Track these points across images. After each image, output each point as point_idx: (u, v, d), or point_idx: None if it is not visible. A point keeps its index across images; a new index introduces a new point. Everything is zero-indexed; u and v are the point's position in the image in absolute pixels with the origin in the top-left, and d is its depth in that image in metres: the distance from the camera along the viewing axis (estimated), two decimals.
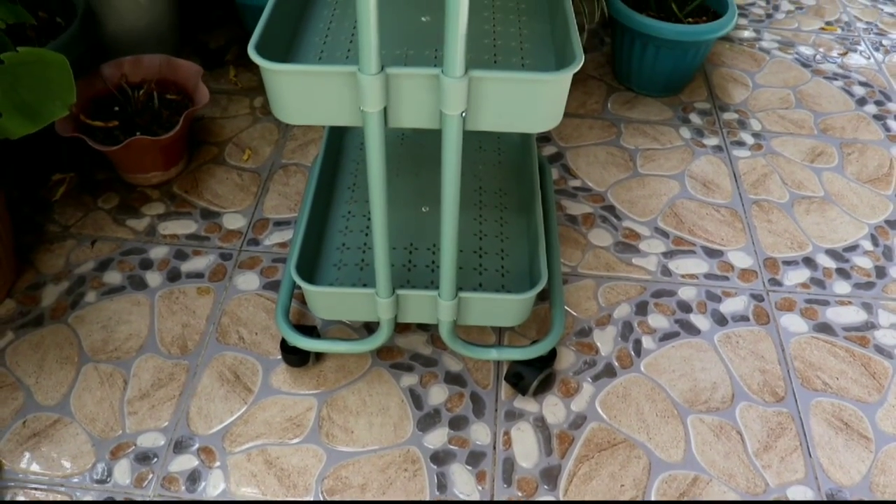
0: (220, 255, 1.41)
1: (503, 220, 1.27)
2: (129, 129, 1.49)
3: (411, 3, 1.04)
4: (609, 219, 1.50)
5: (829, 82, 1.92)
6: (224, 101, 1.74)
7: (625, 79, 1.80)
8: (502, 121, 0.82)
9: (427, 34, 0.98)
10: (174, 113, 1.52)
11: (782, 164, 1.66)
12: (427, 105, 0.81)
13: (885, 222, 1.55)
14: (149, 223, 1.47)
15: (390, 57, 0.94)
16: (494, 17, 1.02)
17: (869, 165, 1.68)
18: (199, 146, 1.63)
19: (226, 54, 1.88)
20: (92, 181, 1.56)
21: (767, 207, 1.56)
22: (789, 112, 1.81)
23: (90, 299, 1.35)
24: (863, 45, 2.07)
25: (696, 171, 1.62)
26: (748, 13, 2.16)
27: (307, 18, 1.01)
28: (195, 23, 1.98)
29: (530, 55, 0.96)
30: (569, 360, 1.26)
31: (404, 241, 1.22)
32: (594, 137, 1.68)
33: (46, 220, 1.48)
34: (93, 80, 1.54)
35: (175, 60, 1.56)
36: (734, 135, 1.72)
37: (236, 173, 1.57)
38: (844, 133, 1.76)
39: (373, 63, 0.76)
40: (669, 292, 1.38)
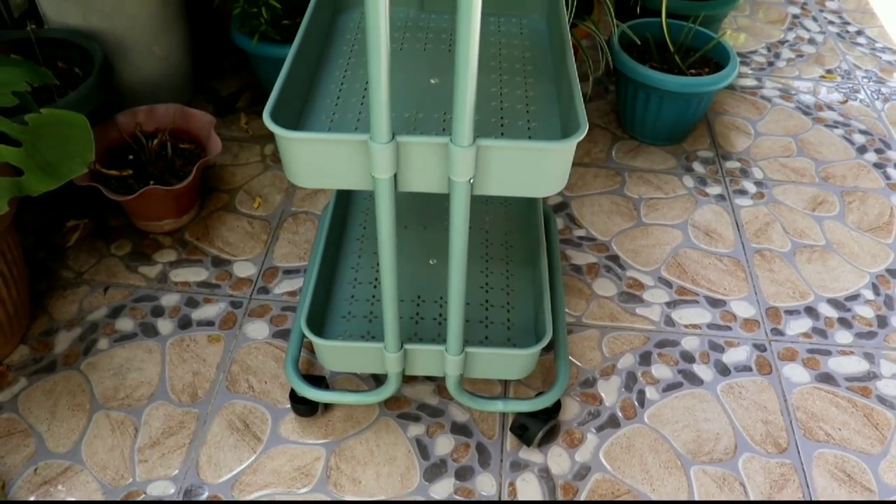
0: (230, 303, 1.44)
1: (509, 272, 1.29)
2: (143, 177, 1.52)
3: (420, 65, 1.07)
4: (613, 268, 1.52)
5: (829, 130, 1.95)
6: (235, 148, 1.78)
7: (629, 127, 1.83)
8: (509, 186, 0.85)
9: (436, 96, 1.01)
10: (187, 162, 1.55)
11: (784, 213, 1.68)
12: (436, 171, 0.84)
13: (886, 271, 1.57)
14: (161, 270, 1.50)
15: (400, 120, 0.97)
16: (501, 79, 1.05)
17: (870, 214, 1.70)
18: (210, 193, 1.66)
19: (237, 101, 1.92)
20: (105, 227, 1.59)
21: (769, 256, 1.58)
22: (791, 160, 1.84)
23: (102, 346, 1.37)
24: (862, 92, 2.10)
25: (699, 221, 1.64)
26: (750, 61, 2.20)
27: (319, 80, 1.04)
28: (207, 70, 2.02)
29: (536, 117, 0.99)
30: (573, 411, 1.28)
31: (412, 294, 1.25)
32: (599, 186, 1.71)
33: (60, 266, 1.51)
34: (108, 128, 1.58)
35: (188, 110, 1.60)
36: (737, 183, 1.75)
37: (247, 221, 1.60)
38: (845, 181, 1.79)
39: (384, 132, 0.79)
40: (673, 342, 1.40)
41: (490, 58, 1.10)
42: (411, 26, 1.16)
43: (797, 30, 2.37)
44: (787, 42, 2.30)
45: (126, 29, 1.69)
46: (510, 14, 1.20)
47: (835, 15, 2.47)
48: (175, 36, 1.79)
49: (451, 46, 1.11)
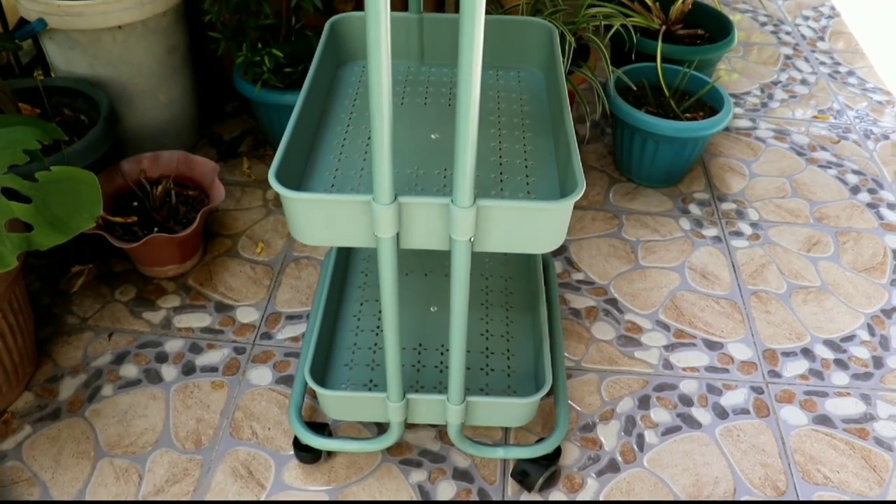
0: (233, 349, 1.45)
1: (509, 318, 1.31)
2: (148, 224, 1.54)
3: (421, 120, 1.10)
4: (611, 312, 1.54)
5: (823, 170, 1.98)
6: (238, 192, 1.80)
7: (626, 170, 1.86)
8: (508, 244, 0.87)
9: (436, 152, 1.04)
10: (191, 209, 1.57)
11: (780, 254, 1.71)
12: (437, 230, 0.86)
13: (881, 311, 1.59)
14: (164, 316, 1.52)
15: (402, 176, 0.99)
16: (500, 134, 1.08)
17: (864, 254, 1.73)
18: (213, 238, 1.68)
19: (239, 146, 1.95)
20: (110, 273, 1.61)
21: (766, 298, 1.60)
22: (785, 201, 1.86)
23: (107, 393, 1.38)
24: (854, 132, 2.13)
25: (695, 263, 1.66)
26: (744, 102, 2.23)
27: (322, 135, 1.07)
28: (210, 114, 2.05)
29: (535, 172, 1.01)
30: (573, 456, 1.29)
31: (413, 342, 1.26)
32: (597, 229, 1.73)
33: (65, 312, 1.53)
34: (113, 175, 1.60)
35: (192, 157, 1.63)
36: (732, 225, 1.77)
37: (249, 266, 1.62)
38: (839, 222, 1.82)
39: (386, 194, 0.81)
40: (671, 386, 1.41)
41: (489, 112, 1.12)
42: (412, 80, 1.19)
43: (790, 70, 2.41)
44: (780, 83, 2.34)
45: (131, 77, 1.73)
46: (509, 67, 1.24)
47: (826, 55, 2.51)
48: (179, 83, 1.82)
49: (451, 101, 1.14)
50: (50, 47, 1.70)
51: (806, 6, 2.84)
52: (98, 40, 1.65)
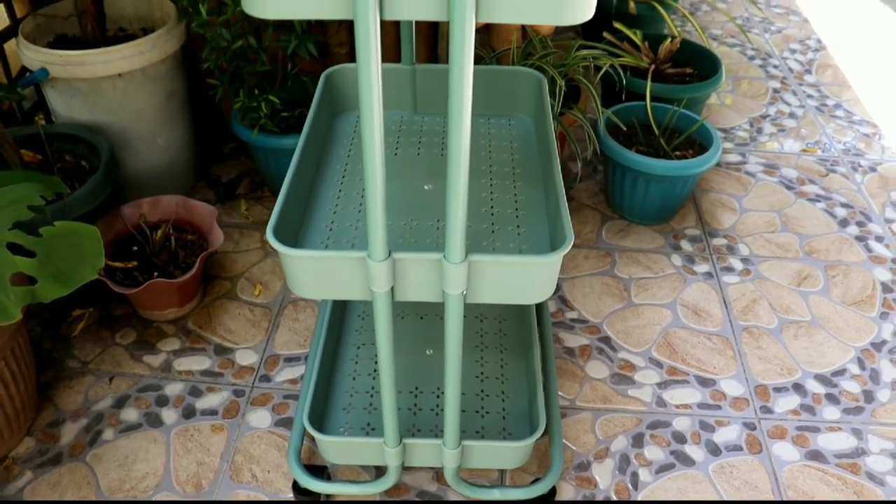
0: (233, 392, 1.47)
1: (503, 360, 1.33)
2: (148, 269, 1.57)
3: (414, 171, 1.13)
4: (605, 350, 1.56)
5: (812, 204, 2.01)
6: (236, 234, 1.83)
7: (618, 207, 1.89)
8: (500, 296, 0.90)
9: (430, 202, 1.07)
10: (190, 253, 1.60)
11: (770, 289, 1.73)
12: (431, 284, 0.89)
13: (871, 345, 1.61)
14: (165, 359, 1.54)
15: (395, 228, 1.02)
16: (492, 184, 1.11)
17: (853, 287, 1.75)
18: (212, 280, 1.71)
19: (237, 187, 1.98)
20: (110, 316, 1.63)
21: (757, 333, 1.62)
22: (775, 236, 1.89)
23: (108, 437, 1.40)
24: (842, 166, 2.17)
25: (687, 300, 1.69)
26: (733, 137, 2.27)
27: (318, 187, 1.10)
28: (208, 155, 2.09)
29: (525, 222, 1.04)
30: (568, 494, 1.31)
31: (410, 385, 1.29)
32: (590, 267, 1.76)
33: (66, 356, 1.55)
34: (113, 220, 1.63)
35: (191, 202, 1.65)
36: (723, 260, 1.80)
37: (248, 308, 1.64)
38: (829, 255, 1.84)
39: (380, 251, 0.84)
40: (664, 423, 1.43)
41: (481, 160, 1.16)
42: (405, 129, 1.23)
43: (778, 104, 2.45)
44: (768, 116, 2.38)
45: (131, 122, 1.76)
46: (499, 114, 1.27)
47: (813, 88, 2.56)
48: (178, 127, 1.86)
49: (443, 150, 1.17)
50: (51, 95, 1.73)
51: (793, 39, 2.89)
52: (98, 88, 1.68)
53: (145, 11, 1.89)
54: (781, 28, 2.98)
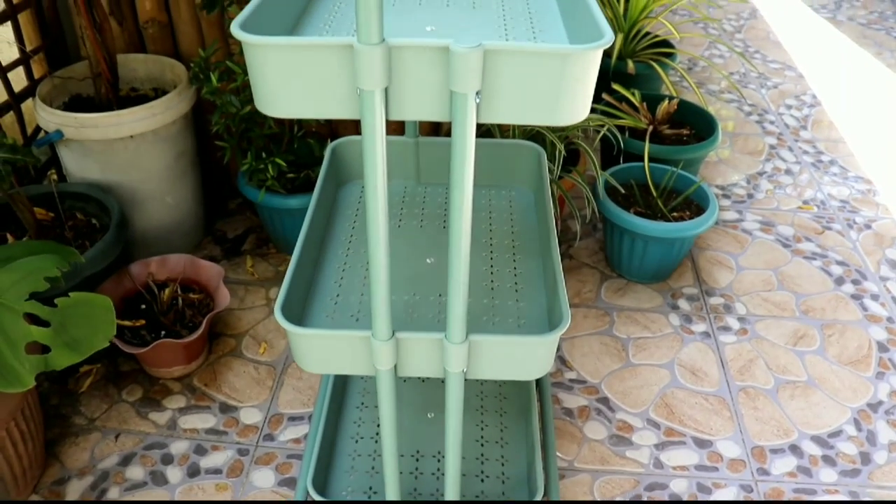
0: (237, 451, 1.50)
1: (503, 424, 1.36)
2: (155, 327, 1.60)
3: (417, 244, 1.17)
4: (603, 411, 1.59)
5: (808, 262, 2.05)
6: (241, 291, 1.87)
7: (616, 266, 1.93)
8: (499, 373, 0.93)
9: (432, 277, 1.10)
10: (197, 313, 1.63)
11: (767, 349, 1.76)
12: (432, 362, 0.92)
13: (867, 405, 1.64)
14: (170, 417, 1.57)
15: (398, 303, 1.06)
16: (492, 257, 1.15)
17: (849, 347, 1.78)
18: (218, 338, 1.74)
19: (243, 243, 2.02)
20: (117, 372, 1.66)
21: (754, 394, 1.65)
22: (772, 294, 1.93)
23: (113, 495, 1.42)
24: (837, 223, 2.21)
25: (685, 360, 1.72)
26: (730, 194, 2.31)
27: (323, 260, 1.14)
28: (215, 211, 2.13)
29: (525, 297, 1.08)
30: None
31: (411, 449, 1.31)
32: (589, 327, 1.79)
33: (73, 413, 1.57)
34: (122, 278, 1.67)
35: (198, 262, 1.69)
36: (720, 320, 1.83)
37: (253, 367, 1.67)
38: (825, 314, 1.87)
39: (384, 332, 0.87)
40: (661, 485, 1.45)
41: (482, 233, 1.19)
42: (408, 201, 1.27)
43: (774, 160, 2.50)
44: (765, 173, 2.43)
45: (141, 181, 1.81)
46: (500, 186, 1.31)
47: (809, 144, 2.61)
48: (186, 186, 1.90)
49: (445, 223, 1.21)
50: (65, 154, 1.78)
51: (788, 95, 2.95)
52: (111, 148, 1.73)
53: (157, 72, 1.94)
54: (777, 83, 3.04)
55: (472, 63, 0.68)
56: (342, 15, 0.95)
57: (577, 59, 0.69)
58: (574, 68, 0.70)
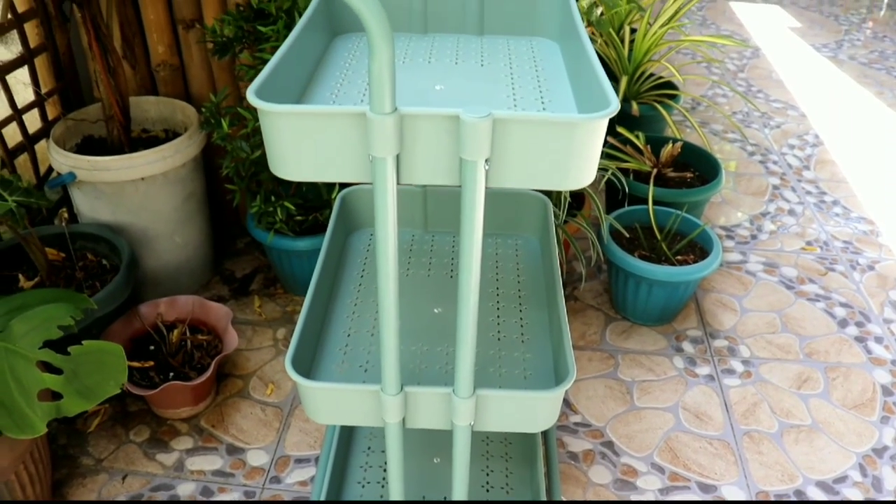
0: (244, 493, 1.50)
1: (508, 470, 1.37)
2: (164, 368, 1.62)
3: (425, 293, 1.19)
4: (608, 455, 1.59)
5: (811, 304, 2.06)
6: (249, 332, 1.88)
7: (621, 308, 1.94)
8: (506, 425, 0.94)
9: (439, 326, 1.12)
10: (205, 354, 1.65)
11: (771, 392, 1.77)
12: (440, 415, 0.93)
13: (873, 450, 1.64)
14: (177, 458, 1.57)
15: (406, 353, 1.07)
16: (499, 307, 1.16)
17: (853, 390, 1.79)
18: (225, 378, 1.75)
19: (251, 283, 2.04)
20: (125, 413, 1.67)
21: (758, 438, 1.65)
22: (776, 336, 1.94)
23: None
24: (841, 264, 2.22)
25: (689, 403, 1.73)
26: (734, 235, 2.33)
27: (332, 309, 1.15)
28: (223, 249, 2.15)
29: (531, 348, 1.09)
30: None
31: (417, 494, 1.32)
32: (594, 370, 1.80)
33: (81, 453, 1.58)
34: (131, 319, 1.68)
35: (207, 303, 1.71)
36: (725, 363, 1.84)
37: (260, 408, 1.68)
38: (829, 357, 1.88)
39: (393, 386, 0.89)
40: None
41: (488, 283, 1.21)
42: (416, 249, 1.29)
43: (778, 201, 2.52)
44: (768, 214, 2.45)
45: (151, 222, 1.83)
46: (507, 234, 1.33)
47: (811, 185, 2.63)
48: (195, 226, 1.93)
49: (453, 272, 1.23)
50: (77, 195, 1.81)
51: (791, 135, 2.98)
52: (122, 190, 1.76)
53: (168, 114, 1.98)
54: (780, 123, 3.07)
55: (482, 132, 0.70)
56: (350, 81, 0.97)
57: (584, 127, 0.71)
58: (581, 136, 0.72)
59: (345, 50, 1.07)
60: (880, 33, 4.13)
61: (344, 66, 1.01)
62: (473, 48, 1.09)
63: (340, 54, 1.06)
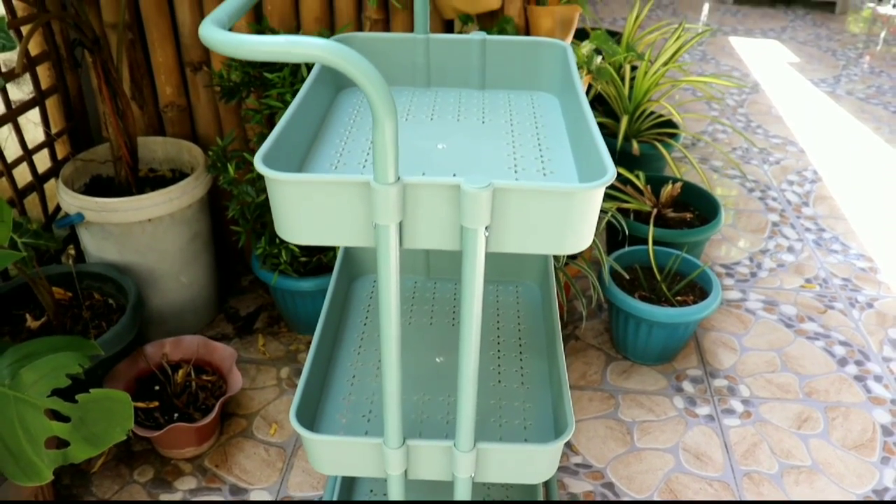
0: None
1: None
2: (168, 409, 1.63)
3: (427, 342, 1.21)
4: (608, 496, 1.60)
5: (811, 342, 2.07)
6: (253, 371, 1.90)
7: (622, 348, 1.96)
8: (505, 477, 0.96)
9: (441, 376, 1.14)
10: (210, 395, 1.67)
11: (771, 432, 1.78)
12: (442, 467, 0.95)
13: (873, 492, 1.65)
14: (181, 498, 1.59)
15: (408, 403, 1.09)
16: (500, 356, 1.18)
17: (853, 430, 1.80)
18: (229, 418, 1.77)
19: (255, 321, 2.06)
20: (129, 452, 1.69)
21: (758, 479, 1.66)
22: (775, 376, 1.95)
23: None
24: (840, 302, 2.24)
25: (689, 444, 1.74)
26: (734, 273, 2.35)
27: (336, 358, 1.17)
28: (228, 287, 2.18)
29: (531, 397, 1.11)
30: None
31: None
32: (594, 410, 1.82)
33: (85, 493, 1.60)
34: (137, 359, 1.70)
35: (212, 343, 1.73)
36: (724, 402, 1.85)
37: (263, 448, 1.70)
38: (828, 396, 1.89)
39: (395, 440, 0.91)
40: None
41: (489, 331, 1.23)
42: (418, 297, 1.31)
43: (777, 238, 2.54)
44: (768, 251, 2.47)
45: (157, 261, 1.85)
46: (508, 281, 1.35)
47: (811, 221, 2.65)
48: (200, 265, 1.95)
49: (454, 320, 1.25)
50: (84, 235, 1.84)
51: (790, 170, 3.01)
52: (129, 231, 1.78)
53: (175, 154, 2.01)
54: (780, 159, 3.10)
55: (482, 201, 0.72)
56: (354, 139, 1.00)
57: (581, 196, 0.74)
58: (578, 204, 0.74)
59: (349, 105, 1.10)
60: (877, 68, 4.18)
61: (348, 123, 1.04)
62: (475, 103, 1.12)
63: (345, 110, 1.09)
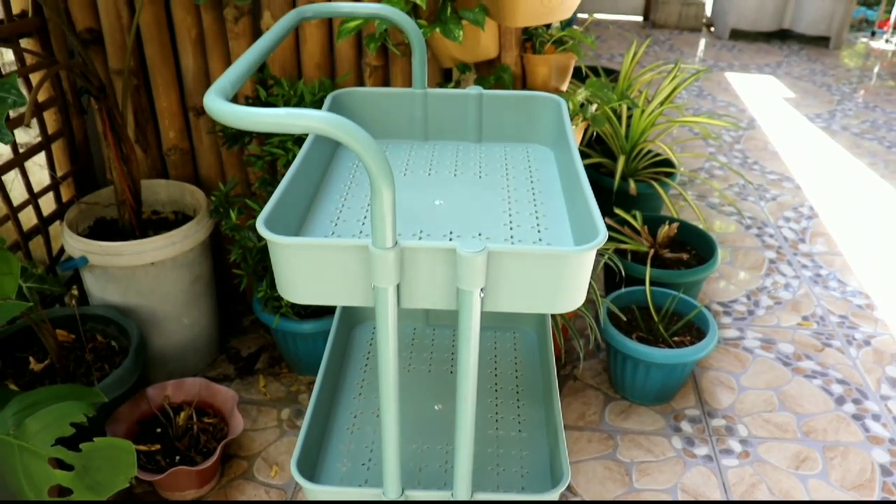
0: None
1: None
2: (170, 452, 1.65)
3: (425, 390, 1.22)
4: None
5: (808, 381, 2.09)
6: (254, 412, 1.91)
7: (620, 388, 1.97)
8: None
9: (439, 424, 1.16)
10: (211, 438, 1.68)
11: (769, 473, 1.79)
12: None
13: None
14: None
15: (407, 451, 1.11)
16: (497, 404, 1.20)
17: (852, 470, 1.80)
18: (230, 459, 1.78)
19: (256, 362, 2.08)
20: (131, 496, 1.70)
21: None
22: (773, 415, 1.96)
23: None
24: (837, 339, 2.25)
25: (688, 485, 1.75)
26: (731, 311, 2.37)
27: (336, 408, 1.19)
28: (229, 327, 2.20)
29: (528, 445, 1.12)
30: None
31: None
32: (593, 451, 1.83)
33: None
34: (139, 401, 1.72)
35: (213, 386, 1.75)
36: (723, 442, 1.86)
37: (264, 490, 1.71)
38: (826, 436, 1.90)
39: (394, 491, 0.92)
40: None
41: (487, 378, 1.25)
42: (417, 343, 1.33)
43: (774, 275, 2.57)
44: (765, 289, 2.49)
45: (159, 304, 1.88)
46: (505, 327, 1.37)
47: (807, 258, 2.67)
48: (202, 307, 1.97)
49: (453, 367, 1.27)
50: (88, 277, 1.86)
51: (787, 207, 3.04)
52: (132, 274, 1.81)
53: (178, 196, 2.04)
54: (776, 195, 3.13)
55: (478, 265, 0.75)
56: (354, 195, 1.03)
57: (573, 259, 0.76)
58: (571, 266, 0.77)
59: (348, 160, 1.13)
60: (871, 102, 4.23)
61: (348, 178, 1.07)
62: (472, 156, 1.15)
63: (344, 164, 1.11)
